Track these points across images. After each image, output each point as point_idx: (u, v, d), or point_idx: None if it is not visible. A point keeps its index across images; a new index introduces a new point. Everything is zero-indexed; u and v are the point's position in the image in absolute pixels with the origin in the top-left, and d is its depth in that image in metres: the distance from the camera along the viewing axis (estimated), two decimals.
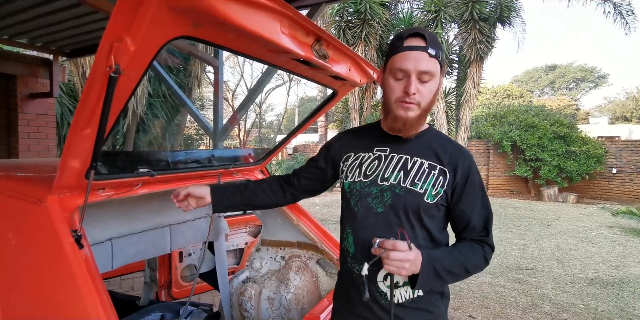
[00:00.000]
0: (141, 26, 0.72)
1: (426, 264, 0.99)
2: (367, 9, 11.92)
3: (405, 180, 1.08)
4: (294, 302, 1.80)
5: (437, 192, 1.07)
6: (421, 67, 1.01)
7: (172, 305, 2.04)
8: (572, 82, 36.91)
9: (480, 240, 1.12)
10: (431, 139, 1.15)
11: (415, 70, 1.01)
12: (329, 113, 18.22)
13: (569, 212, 9.36)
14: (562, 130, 11.54)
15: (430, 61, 1.02)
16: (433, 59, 1.02)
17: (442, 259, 1.03)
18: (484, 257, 1.10)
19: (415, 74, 1.02)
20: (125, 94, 0.85)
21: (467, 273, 1.08)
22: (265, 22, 0.85)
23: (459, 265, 1.06)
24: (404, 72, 1.03)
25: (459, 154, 1.12)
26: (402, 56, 1.03)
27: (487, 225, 1.12)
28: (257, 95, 5.61)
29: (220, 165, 1.57)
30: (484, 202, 1.12)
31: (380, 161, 1.14)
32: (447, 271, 1.04)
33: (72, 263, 0.85)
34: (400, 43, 1.04)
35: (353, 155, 1.20)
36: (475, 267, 1.09)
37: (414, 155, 1.11)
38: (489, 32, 11.74)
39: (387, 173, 1.11)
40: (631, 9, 11.21)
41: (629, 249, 5.89)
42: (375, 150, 1.16)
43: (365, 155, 1.17)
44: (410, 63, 1.01)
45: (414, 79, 1.02)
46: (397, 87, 1.04)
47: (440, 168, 1.09)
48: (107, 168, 1.10)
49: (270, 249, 2.00)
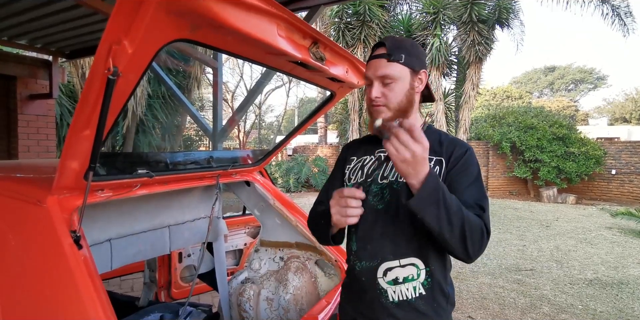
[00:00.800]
0: (139, 29, 0.73)
1: (431, 179, 0.92)
2: (366, 10, 11.96)
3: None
4: (292, 303, 1.80)
5: None
6: (379, 72, 1.10)
7: (171, 305, 2.04)
8: (571, 83, 36.97)
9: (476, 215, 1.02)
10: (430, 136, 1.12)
11: (374, 76, 1.10)
12: (329, 114, 18.25)
13: (568, 213, 9.36)
14: (561, 132, 11.55)
15: (389, 66, 1.09)
16: (393, 62, 1.09)
17: (446, 190, 0.95)
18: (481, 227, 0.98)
19: (375, 79, 1.11)
20: (123, 96, 0.86)
21: (462, 226, 0.95)
22: (262, 25, 0.86)
23: (458, 208, 0.95)
24: (368, 80, 1.13)
25: (454, 143, 1.13)
26: (367, 66, 1.14)
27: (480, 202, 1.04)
28: (257, 96, 5.63)
29: (219, 167, 1.58)
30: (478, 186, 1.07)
31: (380, 162, 1.17)
32: (447, 203, 0.93)
33: (71, 264, 0.85)
34: (370, 55, 1.14)
35: (356, 159, 1.25)
36: (472, 226, 0.96)
37: None
38: (487, 33, 11.78)
39: (387, 171, 1.14)
40: (629, 11, 11.24)
41: (628, 250, 5.90)
42: (377, 152, 1.20)
43: (367, 158, 1.22)
44: (370, 71, 1.12)
45: (376, 84, 1.11)
46: (367, 94, 1.13)
47: (437, 159, 1.11)
48: (105, 169, 1.11)
49: (269, 249, 2.00)
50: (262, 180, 1.94)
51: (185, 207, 1.80)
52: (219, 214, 1.95)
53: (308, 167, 13.44)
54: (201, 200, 1.88)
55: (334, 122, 17.53)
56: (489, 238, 1.02)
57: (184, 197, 1.79)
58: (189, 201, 1.82)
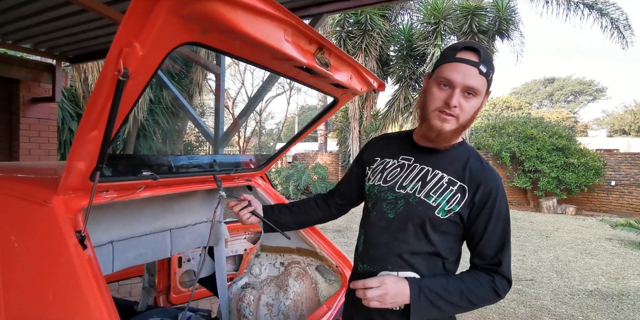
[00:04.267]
0: (151, 32, 0.74)
1: (416, 293, 0.97)
2: (367, 20, 12.08)
3: (421, 191, 1.07)
4: (292, 309, 1.79)
5: (450, 208, 1.04)
6: (468, 82, 0.99)
7: (170, 310, 2.03)
8: (570, 95, 37.16)
9: (491, 269, 1.05)
10: (460, 154, 1.11)
11: (462, 83, 0.99)
12: (329, 122, 18.30)
13: (568, 223, 9.34)
14: (560, 142, 11.58)
15: (479, 78, 0.99)
16: (482, 77, 1.00)
17: (436, 287, 1.00)
18: (492, 288, 1.02)
19: (460, 87, 0.99)
20: (132, 98, 0.87)
21: (471, 304, 1.02)
22: (270, 30, 0.88)
23: (459, 295, 1.00)
24: (450, 83, 1.00)
25: (483, 173, 1.06)
26: (451, 67, 1.00)
27: (500, 253, 1.04)
28: (258, 103, 5.65)
29: (222, 170, 1.59)
30: (502, 232, 1.05)
31: (402, 169, 1.14)
32: (445, 301, 0.99)
33: (76, 263, 0.86)
34: (453, 53, 1.02)
35: (379, 159, 1.21)
36: (482, 299, 1.02)
37: (436, 168, 1.09)
38: (488, 44, 11.87)
39: (406, 182, 1.11)
40: (628, 24, 11.36)
41: (628, 261, 5.88)
42: (401, 158, 1.16)
43: (390, 162, 1.18)
44: (458, 75, 0.99)
45: (458, 91, 0.99)
46: (439, 97, 1.02)
47: (460, 185, 1.05)
48: (111, 170, 1.12)
49: (270, 255, 2.00)
50: (264, 184, 1.94)
51: (187, 211, 1.80)
52: (220, 218, 1.95)
53: (308, 175, 13.44)
54: (203, 204, 1.88)
55: (334, 130, 17.58)
56: (510, 284, 1.06)
57: (185, 200, 1.79)
58: (191, 205, 1.82)
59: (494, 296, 1.03)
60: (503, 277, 1.04)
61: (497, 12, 11.71)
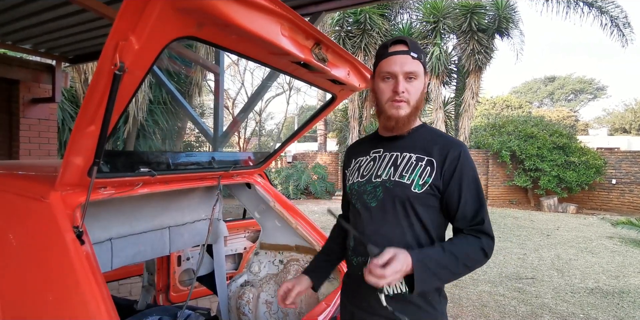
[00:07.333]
0: (146, 25, 0.74)
1: (418, 264, 0.99)
2: (366, 19, 12.09)
3: (394, 174, 1.13)
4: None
5: (424, 182, 1.09)
6: (406, 68, 1.10)
7: (169, 309, 2.02)
8: (571, 93, 37.13)
9: (475, 229, 1.09)
10: (423, 134, 1.19)
11: (401, 71, 1.10)
12: (329, 122, 18.31)
13: (568, 222, 9.33)
14: (561, 141, 11.56)
15: (414, 63, 1.11)
16: (416, 60, 1.12)
17: (433, 255, 1.03)
18: (480, 248, 1.06)
19: (401, 74, 1.10)
20: (128, 92, 0.87)
21: (466, 268, 1.05)
22: (267, 24, 0.88)
23: (455, 260, 1.03)
24: (391, 75, 1.12)
25: (448, 144, 1.14)
26: (388, 61, 1.12)
27: (479, 212, 1.10)
28: (257, 103, 5.65)
29: (221, 168, 1.59)
30: (476, 191, 1.11)
31: (375, 161, 1.20)
32: (443, 268, 1.02)
33: (73, 258, 0.86)
34: (385, 50, 1.14)
35: (354, 160, 1.29)
36: (474, 261, 1.06)
37: (404, 151, 1.16)
38: (487, 43, 11.88)
39: (380, 171, 1.17)
40: (628, 22, 11.36)
41: (628, 259, 5.87)
42: (372, 152, 1.24)
43: (363, 159, 1.25)
44: (396, 66, 1.11)
45: (401, 79, 1.11)
46: (387, 88, 1.13)
47: (428, 159, 1.12)
48: (109, 167, 1.12)
49: (269, 252, 2.00)
50: (263, 182, 1.94)
51: (186, 208, 1.80)
52: (219, 215, 1.95)
53: (307, 175, 13.44)
54: (201, 202, 1.88)
55: (334, 129, 17.59)
56: (494, 242, 1.10)
57: (184, 198, 1.79)
58: (189, 202, 1.82)
59: (483, 257, 1.07)
60: (488, 235, 1.09)
61: (497, 10, 11.71)
